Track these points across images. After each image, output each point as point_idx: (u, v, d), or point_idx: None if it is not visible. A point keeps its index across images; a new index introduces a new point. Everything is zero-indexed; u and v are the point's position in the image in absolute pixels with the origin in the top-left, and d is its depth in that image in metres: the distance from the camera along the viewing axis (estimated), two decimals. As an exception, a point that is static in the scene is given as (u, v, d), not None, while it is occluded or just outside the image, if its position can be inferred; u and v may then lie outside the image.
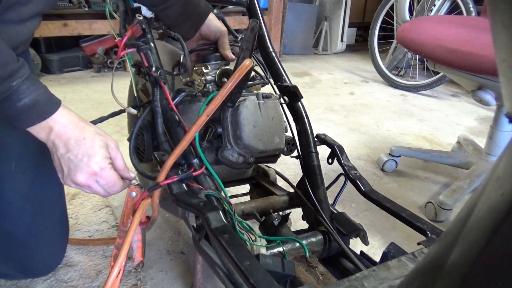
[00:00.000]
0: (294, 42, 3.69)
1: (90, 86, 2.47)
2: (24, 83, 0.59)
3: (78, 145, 0.65)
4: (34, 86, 0.60)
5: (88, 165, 0.66)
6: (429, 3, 2.54)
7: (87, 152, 0.65)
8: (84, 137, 0.66)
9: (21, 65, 0.59)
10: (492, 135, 1.41)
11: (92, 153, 0.66)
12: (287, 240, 0.73)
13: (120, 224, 0.72)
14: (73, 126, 0.65)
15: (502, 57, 0.25)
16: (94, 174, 0.67)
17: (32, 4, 0.68)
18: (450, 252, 0.28)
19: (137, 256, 0.75)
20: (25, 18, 0.69)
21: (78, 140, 0.65)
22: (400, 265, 0.61)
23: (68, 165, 0.66)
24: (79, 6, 2.54)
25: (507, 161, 0.25)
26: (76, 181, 0.66)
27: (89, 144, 0.66)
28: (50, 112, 0.63)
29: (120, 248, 0.68)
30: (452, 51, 1.16)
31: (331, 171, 1.05)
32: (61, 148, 0.65)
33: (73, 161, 0.65)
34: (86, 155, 0.65)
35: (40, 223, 0.86)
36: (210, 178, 0.74)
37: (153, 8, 0.82)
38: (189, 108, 0.80)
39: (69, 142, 0.65)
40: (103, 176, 0.68)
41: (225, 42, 0.87)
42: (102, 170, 0.67)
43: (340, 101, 2.49)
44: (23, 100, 0.59)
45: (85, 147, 0.65)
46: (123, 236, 0.70)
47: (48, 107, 0.62)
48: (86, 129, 0.66)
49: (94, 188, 0.69)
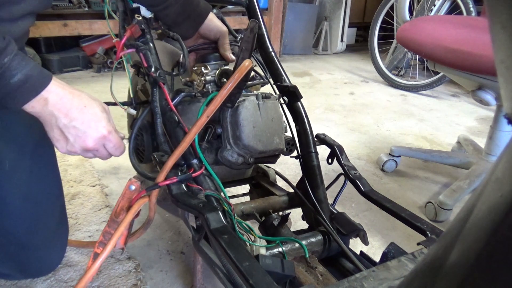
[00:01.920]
0: (294, 42, 3.69)
1: (90, 86, 2.47)
2: (14, 59, 0.59)
3: (81, 113, 0.67)
4: (24, 62, 0.60)
5: (97, 130, 0.68)
6: (429, 3, 2.54)
7: (93, 118, 0.68)
8: (85, 104, 0.67)
9: (8, 42, 0.59)
10: (492, 135, 1.41)
11: (97, 118, 0.68)
12: (287, 241, 0.73)
13: (112, 214, 0.72)
14: (70, 96, 0.66)
15: (500, 58, 0.25)
16: (103, 137, 0.69)
17: (24, 3, 0.68)
18: (449, 252, 0.28)
19: (120, 242, 0.75)
20: (17, 17, 0.69)
21: (79, 108, 0.67)
22: (400, 265, 0.61)
23: (74, 134, 0.67)
24: (79, 6, 2.54)
25: (506, 162, 0.25)
26: (86, 146, 0.68)
27: (91, 111, 0.68)
28: (43, 85, 0.63)
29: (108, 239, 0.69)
30: (452, 51, 1.16)
31: (331, 171, 1.05)
32: (63, 118, 0.65)
33: (80, 128, 0.67)
34: (93, 120, 0.68)
35: (40, 223, 0.86)
36: (210, 178, 0.74)
37: (152, 8, 0.82)
38: (189, 108, 0.80)
39: (71, 111, 0.66)
40: (110, 139, 0.71)
41: (226, 43, 0.87)
42: (110, 133, 0.70)
43: (340, 101, 2.49)
44: (16, 76, 0.59)
45: (88, 114, 0.67)
46: (113, 226, 0.71)
47: (41, 80, 0.63)
48: (82, 97, 0.68)
49: (101, 151, 0.71)
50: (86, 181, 1.39)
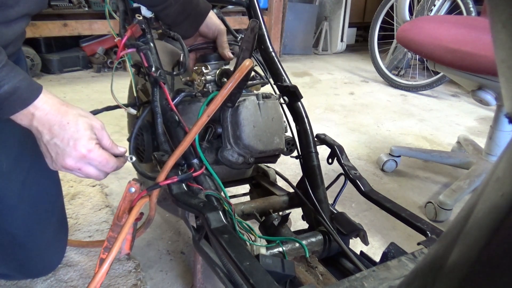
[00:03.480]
0: (294, 42, 3.69)
1: (90, 86, 2.47)
2: (2, 70, 0.58)
3: (62, 129, 0.64)
4: (13, 73, 0.59)
5: (75, 149, 0.65)
6: (429, 3, 2.54)
7: (73, 136, 0.65)
8: (68, 121, 0.65)
9: None
10: (492, 135, 1.41)
11: (78, 136, 0.65)
12: (287, 240, 0.73)
13: (115, 218, 0.72)
14: (55, 112, 0.64)
15: (501, 57, 0.25)
16: (83, 157, 0.66)
17: (19, 6, 0.67)
18: (449, 252, 0.28)
19: (125, 247, 0.75)
20: (11, 20, 0.68)
21: (61, 125, 0.65)
22: (400, 265, 0.61)
23: (55, 151, 0.66)
24: (79, 6, 2.54)
25: (507, 161, 0.25)
26: (65, 165, 0.66)
27: (73, 128, 0.65)
28: (31, 98, 0.62)
29: (112, 242, 0.68)
30: (452, 51, 1.16)
31: (331, 171, 1.05)
32: (46, 134, 0.64)
33: (60, 146, 0.65)
34: (72, 139, 0.65)
35: (39, 223, 0.86)
36: (210, 178, 0.74)
37: (152, 8, 0.82)
38: (189, 108, 0.80)
39: (53, 128, 0.64)
40: (92, 158, 0.67)
41: (224, 41, 0.87)
42: (90, 151, 0.67)
43: (340, 101, 2.49)
44: (2, 87, 0.58)
45: (69, 131, 0.65)
46: (117, 230, 0.70)
47: (29, 94, 0.62)
48: (68, 113, 0.66)
49: (85, 170, 0.68)
50: (86, 181, 1.39)
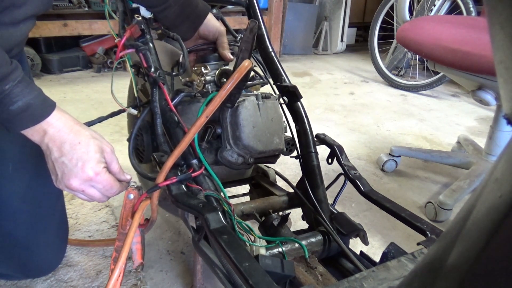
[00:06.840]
0: (294, 42, 3.69)
1: (90, 86, 2.47)
2: (17, 86, 0.58)
3: (72, 149, 0.64)
4: (28, 89, 0.59)
5: (83, 170, 0.64)
6: (429, 3, 2.53)
7: (82, 157, 0.64)
8: (79, 141, 0.64)
9: (14, 67, 0.59)
10: (492, 135, 1.41)
11: (87, 158, 0.65)
12: (287, 241, 0.73)
13: (119, 227, 0.72)
14: (68, 130, 0.64)
15: (499, 58, 0.25)
16: (89, 179, 0.66)
17: (26, 7, 0.67)
18: (449, 253, 0.28)
19: (137, 258, 0.75)
20: (19, 21, 0.68)
21: (72, 144, 0.64)
22: (400, 265, 0.61)
23: (62, 169, 0.65)
24: (79, 6, 2.54)
25: (506, 162, 0.25)
26: (69, 185, 0.65)
27: (84, 149, 0.64)
28: (44, 115, 0.62)
29: (119, 251, 0.68)
30: (452, 51, 1.16)
31: (331, 171, 1.05)
32: (55, 151, 0.64)
33: (67, 165, 0.64)
34: (81, 160, 0.64)
35: (40, 224, 0.86)
36: (210, 178, 0.74)
37: (151, 9, 0.82)
38: (188, 108, 0.80)
39: (64, 146, 0.63)
40: (98, 181, 0.66)
41: (224, 42, 0.87)
42: (97, 175, 0.66)
43: (340, 101, 2.49)
44: (16, 103, 0.58)
45: (79, 152, 0.64)
46: (123, 239, 0.69)
47: (42, 110, 0.62)
48: (81, 133, 0.65)
49: (89, 192, 0.67)
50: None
